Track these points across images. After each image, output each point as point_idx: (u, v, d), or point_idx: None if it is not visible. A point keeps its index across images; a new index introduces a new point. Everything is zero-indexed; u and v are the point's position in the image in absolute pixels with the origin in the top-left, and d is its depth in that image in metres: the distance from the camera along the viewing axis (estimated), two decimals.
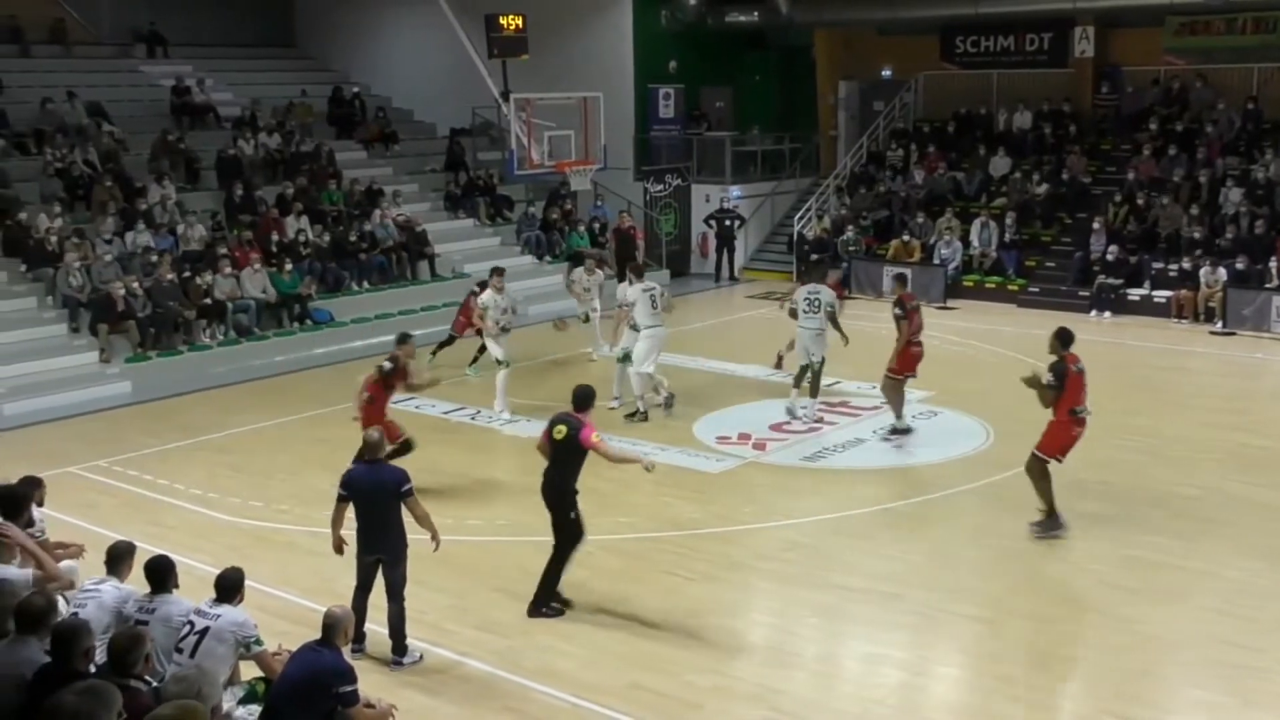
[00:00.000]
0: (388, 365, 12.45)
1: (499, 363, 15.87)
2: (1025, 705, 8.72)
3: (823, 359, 15.39)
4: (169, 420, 16.37)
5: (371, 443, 9.31)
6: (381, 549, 9.16)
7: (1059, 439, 11.43)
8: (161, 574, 7.64)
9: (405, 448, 12.41)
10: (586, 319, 19.46)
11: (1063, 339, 11.47)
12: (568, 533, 9.95)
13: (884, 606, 10.26)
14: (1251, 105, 24.75)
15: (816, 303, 15.21)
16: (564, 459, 9.90)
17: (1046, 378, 11.36)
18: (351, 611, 7.43)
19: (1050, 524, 11.59)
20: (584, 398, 10.10)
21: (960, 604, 10.25)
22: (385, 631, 9.26)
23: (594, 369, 17.84)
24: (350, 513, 9.21)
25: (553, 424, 9.99)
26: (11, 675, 6.17)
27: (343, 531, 9.25)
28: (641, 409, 15.67)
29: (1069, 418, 11.36)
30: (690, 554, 11.08)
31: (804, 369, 15.47)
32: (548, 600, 10.02)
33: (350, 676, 6.84)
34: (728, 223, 27.32)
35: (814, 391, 15.55)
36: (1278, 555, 11.08)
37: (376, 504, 9.09)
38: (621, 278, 17.20)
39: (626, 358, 15.92)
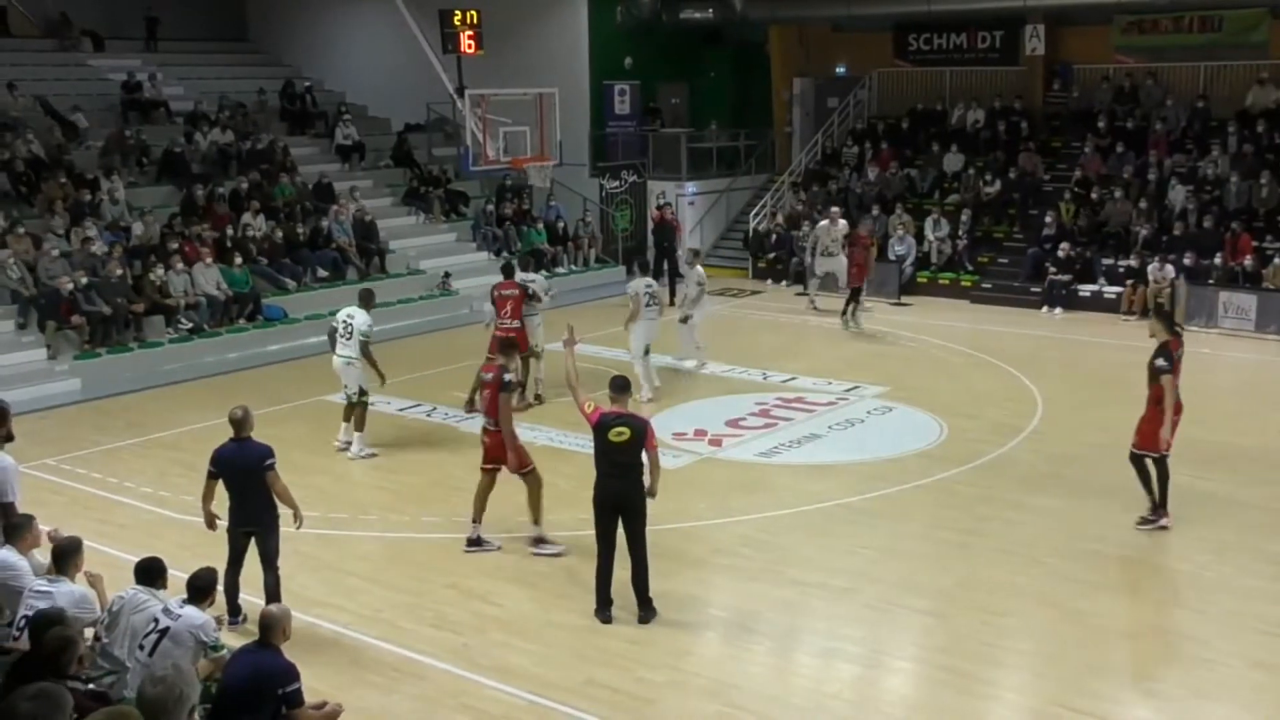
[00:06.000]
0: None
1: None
2: (976, 698, 8.79)
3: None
4: (119, 418, 16.20)
5: (235, 420, 9.53)
6: (253, 522, 9.51)
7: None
8: (153, 575, 7.83)
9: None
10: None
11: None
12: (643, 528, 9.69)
13: (838, 601, 10.33)
14: (1201, 103, 25.04)
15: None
16: (632, 460, 9.53)
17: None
18: (289, 609, 7.33)
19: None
20: (625, 387, 9.79)
21: (912, 598, 10.33)
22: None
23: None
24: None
25: (610, 426, 9.45)
26: None
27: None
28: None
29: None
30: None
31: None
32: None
33: (293, 675, 6.75)
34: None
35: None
36: (1226, 548, 11.25)
37: (246, 479, 9.43)
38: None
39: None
